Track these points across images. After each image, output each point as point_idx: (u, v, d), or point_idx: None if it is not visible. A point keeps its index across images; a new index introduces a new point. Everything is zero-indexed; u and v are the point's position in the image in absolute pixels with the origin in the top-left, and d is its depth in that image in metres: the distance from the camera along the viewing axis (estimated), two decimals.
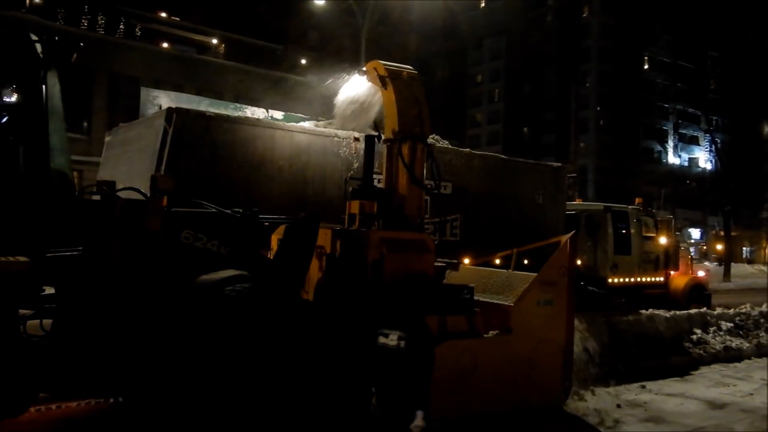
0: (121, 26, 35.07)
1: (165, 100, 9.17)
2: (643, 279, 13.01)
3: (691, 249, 40.44)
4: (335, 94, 7.52)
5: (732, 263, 40.67)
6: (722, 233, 47.92)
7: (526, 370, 6.45)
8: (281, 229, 6.58)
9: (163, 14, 42.16)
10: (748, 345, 10.82)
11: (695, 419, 7.01)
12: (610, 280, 12.40)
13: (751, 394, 8.19)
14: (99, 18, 33.86)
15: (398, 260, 6.23)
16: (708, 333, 10.58)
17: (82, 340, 4.88)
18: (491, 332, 6.37)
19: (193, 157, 7.18)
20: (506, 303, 6.56)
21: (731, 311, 11.58)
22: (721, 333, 10.75)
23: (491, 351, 6.25)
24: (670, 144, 70.40)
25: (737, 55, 70.54)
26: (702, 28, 66.90)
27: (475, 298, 6.47)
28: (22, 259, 4.22)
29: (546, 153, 61.15)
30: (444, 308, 6.05)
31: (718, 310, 11.47)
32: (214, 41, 42.01)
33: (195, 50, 39.57)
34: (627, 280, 12.66)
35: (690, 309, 11.40)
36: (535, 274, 6.92)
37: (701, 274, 14.78)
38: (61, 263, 4.83)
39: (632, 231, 12.90)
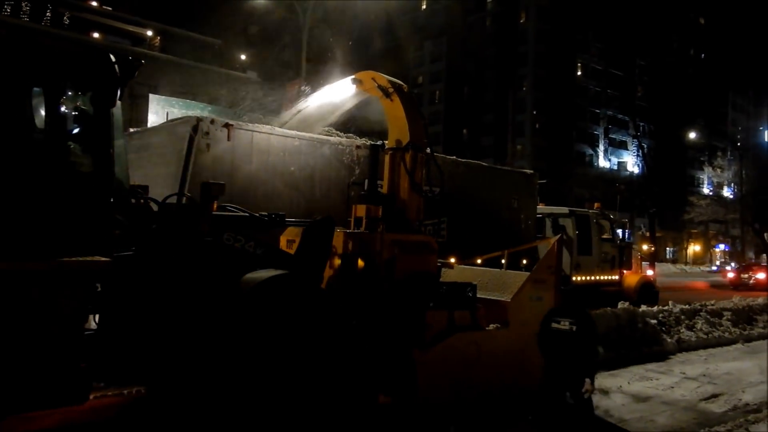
0: (48, 14, 33.94)
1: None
2: (602, 277, 14.12)
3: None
4: (280, 92, 8.06)
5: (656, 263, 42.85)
6: (648, 234, 50.17)
7: (519, 360, 7.16)
8: (290, 230, 7.08)
9: (94, 3, 40.95)
10: (670, 340, 11.45)
11: (620, 412, 7.50)
12: (574, 279, 13.39)
13: (672, 387, 8.70)
14: (23, 4, 32.73)
15: (408, 260, 6.83)
16: (634, 329, 11.08)
17: (135, 334, 5.29)
18: (492, 325, 7.08)
19: (215, 162, 7.55)
20: (503, 299, 7.26)
21: (655, 308, 12.28)
22: (647, 329, 11.28)
23: (492, 342, 6.95)
24: (601, 148, 73.34)
25: (662, 64, 74.27)
26: (630, 37, 70.10)
27: None
28: (103, 259, 4.63)
29: (484, 155, 62.75)
30: (451, 304, 6.72)
31: (643, 308, 12.08)
32: (149, 33, 41.08)
33: (129, 42, 38.67)
34: (588, 278, 13.70)
35: (640, 306, 12.40)
36: (524, 272, 7.67)
37: (650, 273, 16.05)
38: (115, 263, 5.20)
39: (592, 233, 14.00)
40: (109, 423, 5.79)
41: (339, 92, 8.25)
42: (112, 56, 4.72)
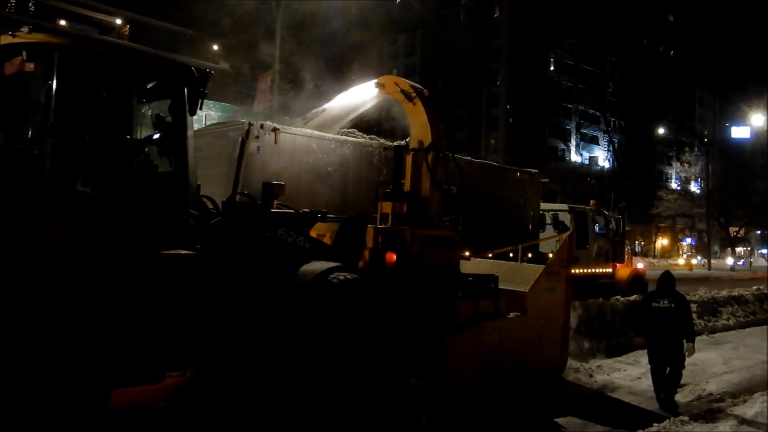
0: (11, 0, 33.47)
1: None
2: (597, 270, 14.94)
3: None
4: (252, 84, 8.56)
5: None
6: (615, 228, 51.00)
7: (536, 345, 7.84)
8: (319, 225, 7.58)
9: None
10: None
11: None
12: (572, 271, 14.12)
13: (639, 378, 8.90)
14: None
15: (437, 254, 7.39)
16: (603, 321, 11.13)
17: (201, 322, 5.76)
18: (512, 314, 7.70)
19: (264, 164, 8.07)
20: (521, 289, 7.89)
21: (624, 300, 12.34)
22: (615, 322, 11.23)
23: (512, 329, 7.60)
24: (573, 143, 74.55)
25: (632, 60, 75.84)
26: (602, 33, 71.39)
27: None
28: (187, 252, 5.12)
29: (458, 149, 63.05)
30: (477, 294, 7.31)
31: (612, 300, 12.24)
32: (118, 21, 40.60)
33: (97, 30, 38.12)
34: (585, 271, 14.47)
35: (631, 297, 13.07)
36: (537, 265, 8.31)
37: (640, 266, 16.90)
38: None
39: (589, 228, 14.83)
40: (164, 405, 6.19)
41: (361, 95, 8.77)
42: (194, 69, 5.19)
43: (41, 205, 4.48)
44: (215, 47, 44.29)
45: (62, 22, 34.32)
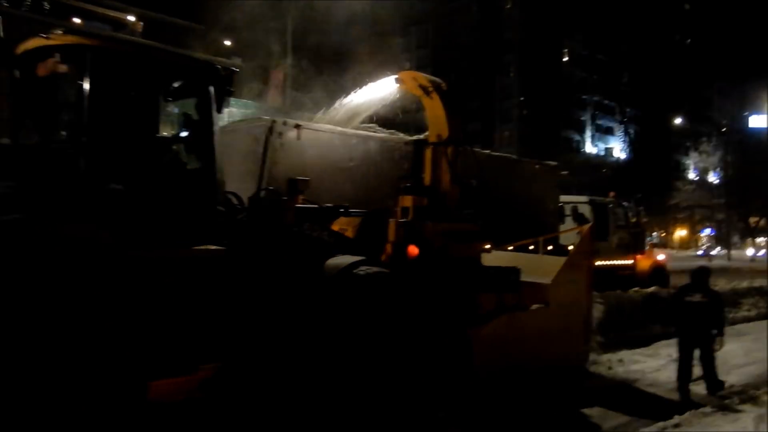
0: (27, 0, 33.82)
1: None
2: (617, 262, 14.95)
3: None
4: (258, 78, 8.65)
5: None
6: (634, 219, 50.71)
7: (558, 336, 7.90)
8: (341, 219, 7.67)
9: None
10: (656, 324, 11.40)
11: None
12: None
13: (659, 370, 9.02)
14: None
15: (458, 247, 7.47)
16: (623, 314, 11.20)
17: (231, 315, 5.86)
18: (534, 306, 7.77)
19: (288, 160, 8.18)
20: (542, 281, 7.95)
21: (643, 292, 12.47)
22: (634, 314, 11.44)
23: (535, 321, 7.67)
24: (588, 134, 74.12)
25: (647, 49, 75.17)
26: (616, 23, 70.84)
27: None
28: (217, 248, 5.23)
29: (471, 141, 62.75)
30: (499, 287, 7.39)
31: (630, 292, 12.33)
32: (131, 18, 40.88)
33: (110, 28, 38.34)
34: (605, 263, 14.48)
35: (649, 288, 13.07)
36: (558, 257, 8.36)
37: (661, 257, 16.88)
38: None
39: (609, 220, 14.87)
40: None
41: (381, 90, 8.84)
42: (220, 68, 5.30)
43: (77, 203, 4.60)
44: (227, 43, 44.45)
45: (76, 20, 34.56)
